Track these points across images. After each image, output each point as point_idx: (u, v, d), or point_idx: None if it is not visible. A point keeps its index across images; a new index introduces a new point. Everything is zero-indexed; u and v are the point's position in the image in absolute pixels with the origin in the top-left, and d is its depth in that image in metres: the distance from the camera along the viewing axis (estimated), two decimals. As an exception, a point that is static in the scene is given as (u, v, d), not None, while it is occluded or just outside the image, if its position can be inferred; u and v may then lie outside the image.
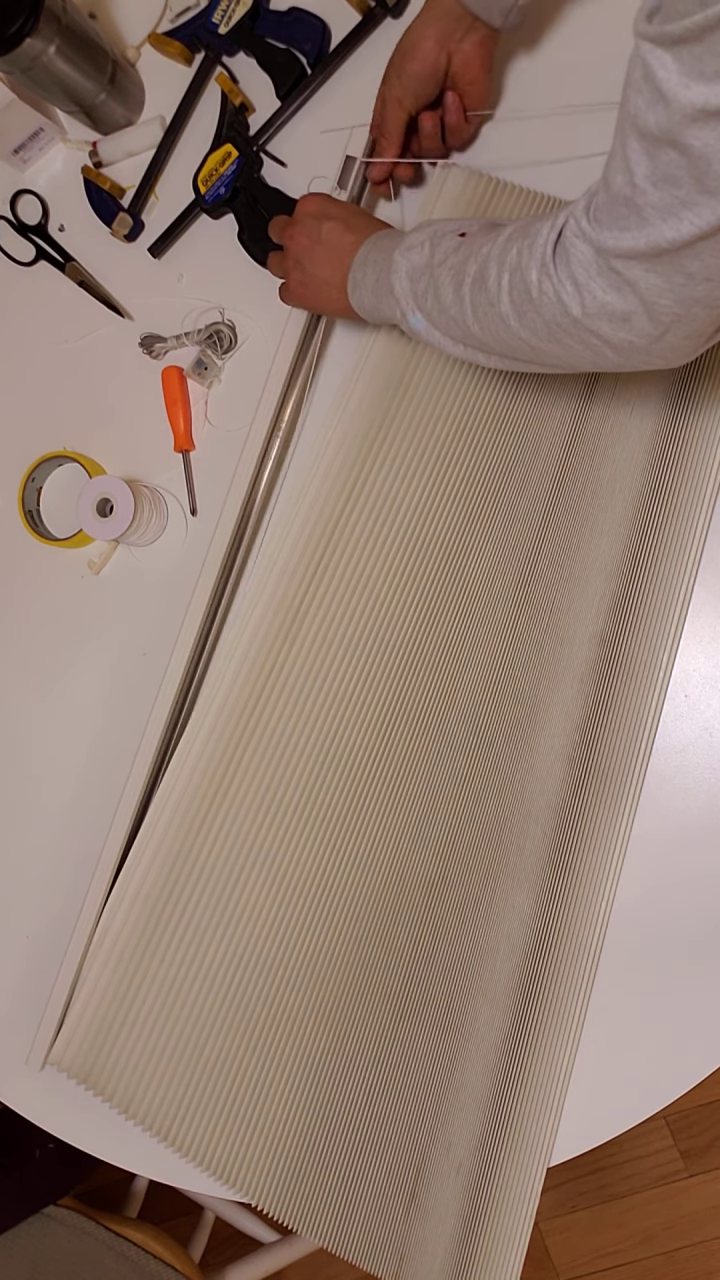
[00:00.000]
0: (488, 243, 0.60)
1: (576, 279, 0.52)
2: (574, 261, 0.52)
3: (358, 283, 0.70)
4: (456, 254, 0.62)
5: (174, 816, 0.77)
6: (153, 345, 0.87)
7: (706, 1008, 0.71)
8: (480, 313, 0.59)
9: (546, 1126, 0.70)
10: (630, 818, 0.72)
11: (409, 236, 0.67)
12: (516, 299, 0.56)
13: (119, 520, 0.81)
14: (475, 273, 0.59)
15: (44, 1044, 0.75)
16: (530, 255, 0.55)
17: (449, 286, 0.61)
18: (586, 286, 0.52)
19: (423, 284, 0.64)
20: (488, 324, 0.60)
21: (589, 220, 0.50)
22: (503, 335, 0.59)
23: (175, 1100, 0.73)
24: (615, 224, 0.48)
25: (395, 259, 0.66)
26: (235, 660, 0.78)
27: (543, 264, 0.54)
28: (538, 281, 0.54)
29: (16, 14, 0.78)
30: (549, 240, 0.53)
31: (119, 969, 0.75)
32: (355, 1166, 0.72)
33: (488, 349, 0.63)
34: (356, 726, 0.76)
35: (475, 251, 0.60)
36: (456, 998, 0.73)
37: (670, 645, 0.74)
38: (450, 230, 0.64)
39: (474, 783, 0.75)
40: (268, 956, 0.75)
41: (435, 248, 0.64)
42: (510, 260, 0.56)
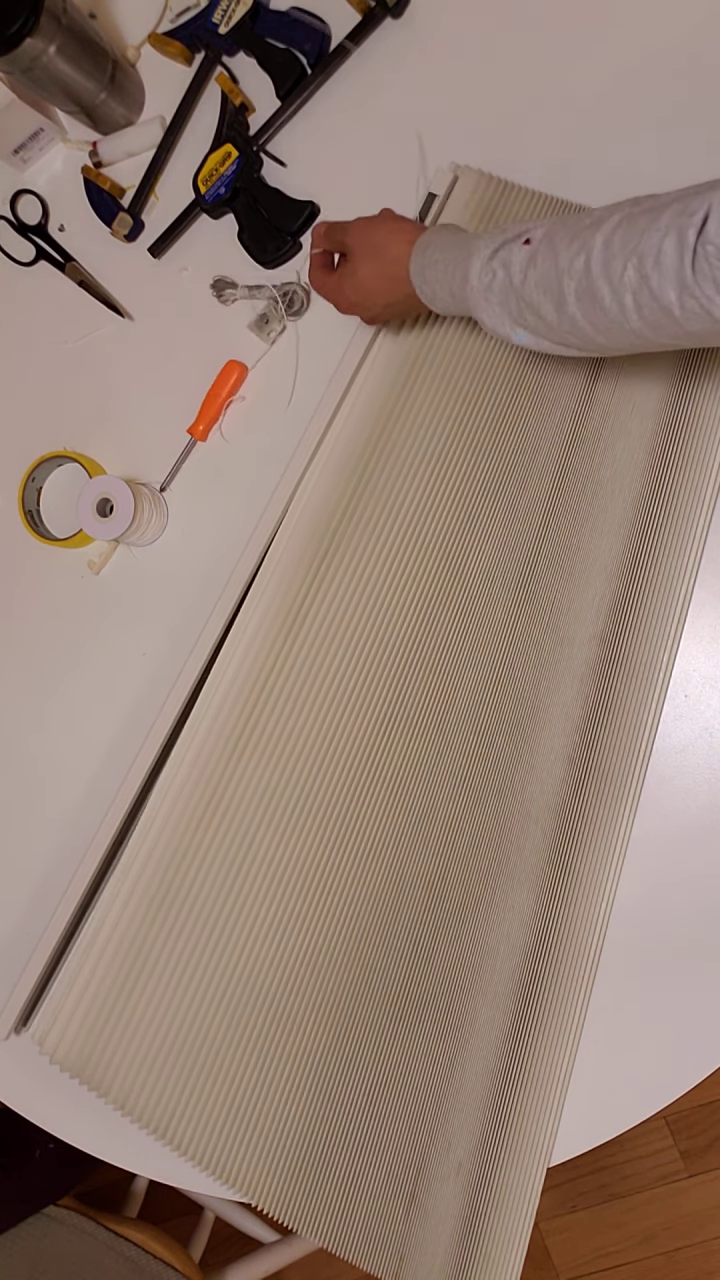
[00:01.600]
0: (570, 252, 0.58)
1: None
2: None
3: (431, 299, 0.70)
4: (535, 268, 0.60)
5: (172, 812, 0.77)
6: (223, 290, 0.87)
7: (706, 1008, 0.71)
8: (604, 327, 0.58)
9: (546, 1126, 0.70)
10: (630, 818, 0.72)
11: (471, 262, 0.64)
12: (650, 317, 0.55)
13: (119, 520, 0.81)
14: (578, 291, 0.58)
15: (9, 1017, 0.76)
16: (662, 276, 0.53)
17: (548, 307, 0.60)
18: None
19: (513, 306, 0.63)
20: (614, 336, 0.59)
21: None
22: (634, 343, 0.59)
23: (174, 1099, 0.73)
24: None
25: (472, 290, 0.64)
26: (235, 658, 0.78)
27: (682, 284, 0.53)
28: (679, 300, 0.53)
29: (16, 14, 0.78)
30: (684, 260, 0.52)
31: (116, 964, 0.75)
32: (355, 1166, 0.72)
33: (613, 352, 0.62)
34: (356, 726, 0.76)
35: (560, 266, 0.59)
36: (456, 997, 0.73)
37: (670, 645, 0.74)
38: (512, 240, 0.63)
39: (474, 783, 0.75)
40: (267, 955, 0.75)
41: (508, 267, 0.62)
42: (629, 281, 0.55)
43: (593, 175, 0.81)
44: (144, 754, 0.78)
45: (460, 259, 0.65)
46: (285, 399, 0.85)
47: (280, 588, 0.79)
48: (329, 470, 0.80)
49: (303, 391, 0.85)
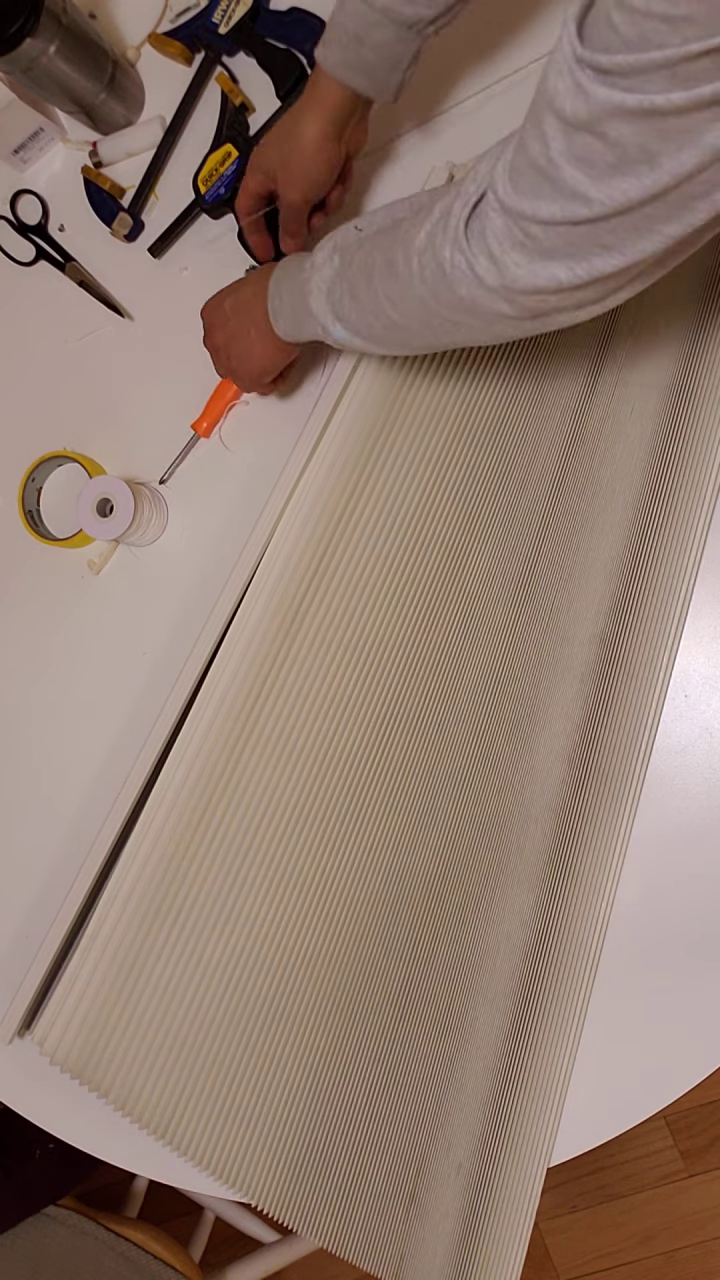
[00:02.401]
0: (389, 232, 0.60)
1: (490, 251, 0.52)
2: (489, 234, 0.51)
3: (277, 312, 0.71)
4: (361, 252, 0.62)
5: (171, 813, 0.77)
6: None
7: (706, 1008, 0.71)
8: (398, 298, 0.59)
9: (546, 1126, 0.70)
10: (630, 818, 0.72)
11: (315, 254, 0.67)
12: (430, 279, 0.56)
13: (119, 520, 0.81)
14: (383, 263, 0.59)
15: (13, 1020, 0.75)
16: (444, 234, 0.54)
17: (362, 285, 0.62)
18: (501, 261, 0.51)
19: (338, 293, 0.64)
20: (407, 308, 0.59)
21: (508, 186, 0.50)
22: (423, 318, 0.59)
23: (174, 1099, 0.73)
24: (531, 191, 0.48)
25: (308, 280, 0.66)
26: (235, 658, 0.78)
27: (455, 241, 0.53)
28: (451, 258, 0.54)
29: (16, 14, 0.78)
30: (461, 217, 0.53)
31: (116, 964, 0.75)
32: (355, 1166, 0.72)
33: (409, 342, 0.63)
34: (356, 726, 0.76)
35: (379, 244, 0.60)
36: (456, 998, 0.73)
37: (670, 645, 0.74)
38: (350, 235, 0.65)
39: (474, 783, 0.75)
40: (267, 955, 0.75)
41: (343, 255, 0.64)
42: (418, 243, 0.56)
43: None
44: (145, 755, 0.78)
45: (303, 259, 0.68)
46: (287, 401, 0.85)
47: (279, 587, 0.79)
48: (328, 470, 0.80)
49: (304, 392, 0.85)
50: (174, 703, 0.79)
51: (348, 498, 0.79)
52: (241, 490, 0.85)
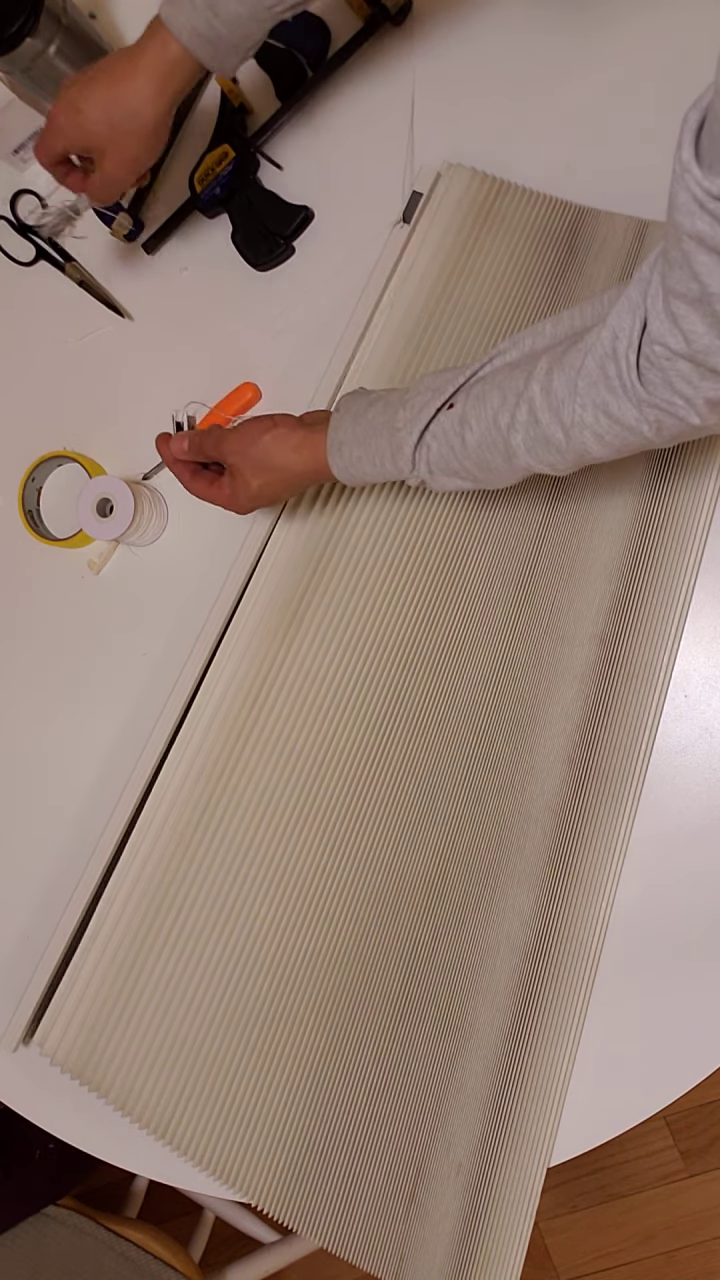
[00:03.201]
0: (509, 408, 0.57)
1: (685, 395, 0.51)
2: (676, 379, 0.50)
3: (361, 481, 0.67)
4: (471, 431, 0.59)
5: (171, 812, 0.77)
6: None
7: (706, 1008, 0.71)
8: (562, 465, 0.58)
9: (546, 1126, 0.70)
10: (630, 818, 0.72)
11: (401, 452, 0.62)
12: (613, 441, 0.55)
13: (119, 520, 0.81)
14: (527, 443, 0.57)
15: (20, 1024, 0.75)
16: (616, 399, 0.53)
17: (497, 461, 0.59)
18: (695, 398, 0.51)
19: (457, 468, 0.62)
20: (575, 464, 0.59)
21: (676, 333, 0.49)
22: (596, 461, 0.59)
23: (174, 1099, 0.73)
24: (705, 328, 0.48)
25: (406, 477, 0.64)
26: (235, 658, 0.78)
27: (638, 401, 0.52)
28: (642, 416, 0.53)
29: (16, 14, 0.78)
30: (629, 379, 0.51)
31: (115, 964, 0.75)
32: (355, 1166, 0.72)
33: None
34: (356, 726, 0.76)
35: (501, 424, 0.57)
36: (456, 997, 0.73)
37: (670, 645, 0.74)
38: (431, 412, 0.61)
39: (474, 783, 0.75)
40: (267, 955, 0.75)
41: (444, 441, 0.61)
42: (581, 418, 0.54)
43: (593, 178, 0.81)
44: (146, 756, 0.78)
45: (385, 451, 0.63)
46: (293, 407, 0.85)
47: (279, 587, 0.79)
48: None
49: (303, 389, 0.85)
50: (174, 703, 0.79)
51: (347, 497, 0.79)
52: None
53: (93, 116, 0.69)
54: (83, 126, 0.69)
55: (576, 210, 0.81)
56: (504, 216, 0.81)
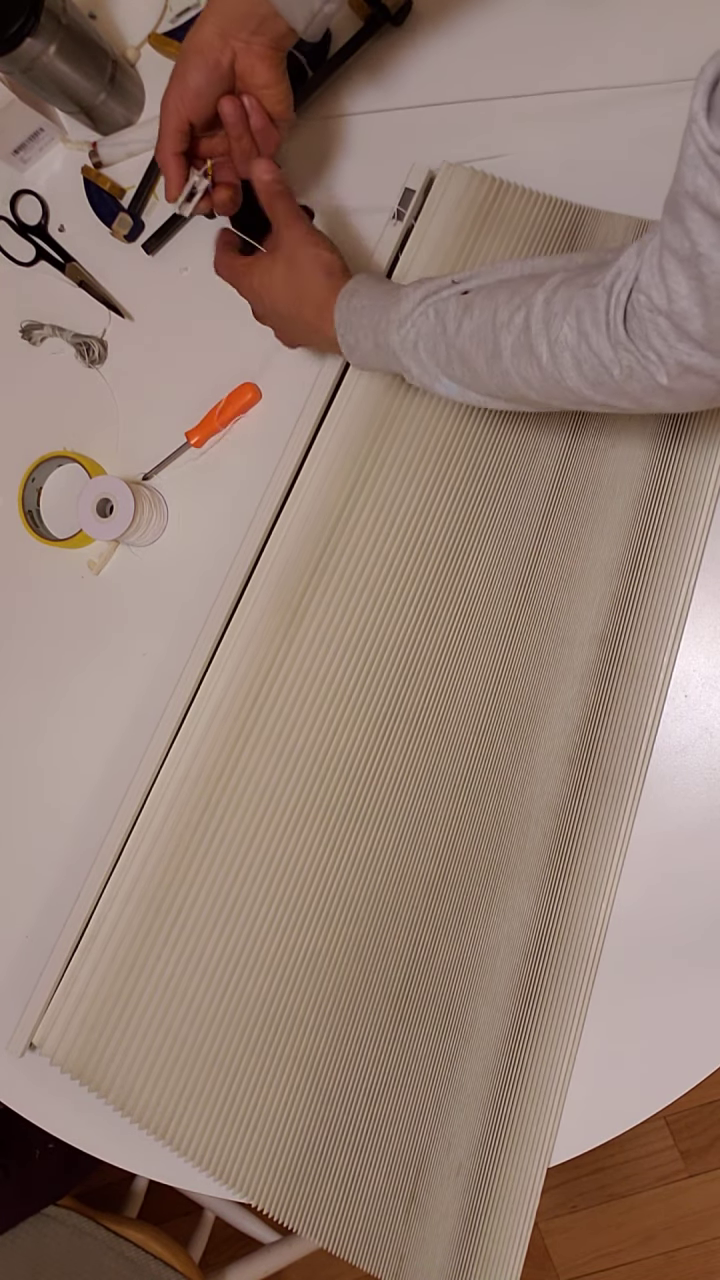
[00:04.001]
0: (510, 307, 0.57)
1: (659, 351, 0.51)
2: (653, 333, 0.50)
3: (352, 348, 0.68)
4: (470, 318, 0.59)
5: (170, 812, 0.77)
6: (31, 332, 0.90)
7: (706, 1008, 0.71)
8: (538, 383, 0.58)
9: (546, 1127, 0.70)
10: (630, 818, 0.72)
11: (401, 301, 0.63)
12: (589, 373, 0.55)
13: (119, 520, 0.81)
14: (514, 346, 0.57)
15: (26, 1029, 0.75)
16: (600, 333, 0.52)
17: (480, 358, 0.59)
18: (669, 354, 0.50)
19: (442, 354, 0.61)
20: (550, 391, 0.58)
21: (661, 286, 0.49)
22: (569, 399, 0.58)
23: (174, 1099, 0.73)
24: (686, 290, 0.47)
25: (391, 329, 0.64)
26: (235, 658, 0.78)
27: (617, 341, 0.52)
28: (616, 358, 0.52)
29: (16, 14, 0.78)
30: (616, 319, 0.51)
31: (115, 964, 0.75)
32: (355, 1166, 0.72)
33: (545, 408, 0.62)
34: (356, 726, 0.76)
35: (499, 320, 0.58)
36: (456, 998, 0.73)
37: (671, 645, 0.74)
38: (446, 289, 0.62)
39: (474, 783, 0.75)
40: (267, 955, 0.75)
41: (441, 315, 0.61)
42: (564, 337, 0.54)
43: (595, 179, 0.81)
44: (148, 758, 0.78)
45: (388, 304, 0.64)
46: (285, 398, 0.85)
47: (278, 586, 0.79)
48: (326, 468, 0.80)
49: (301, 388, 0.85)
50: (175, 704, 0.79)
51: (346, 497, 0.79)
52: (241, 489, 0.84)
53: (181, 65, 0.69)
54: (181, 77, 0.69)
55: (577, 210, 0.81)
56: (503, 216, 0.81)
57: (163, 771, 0.78)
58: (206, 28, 0.67)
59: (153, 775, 0.78)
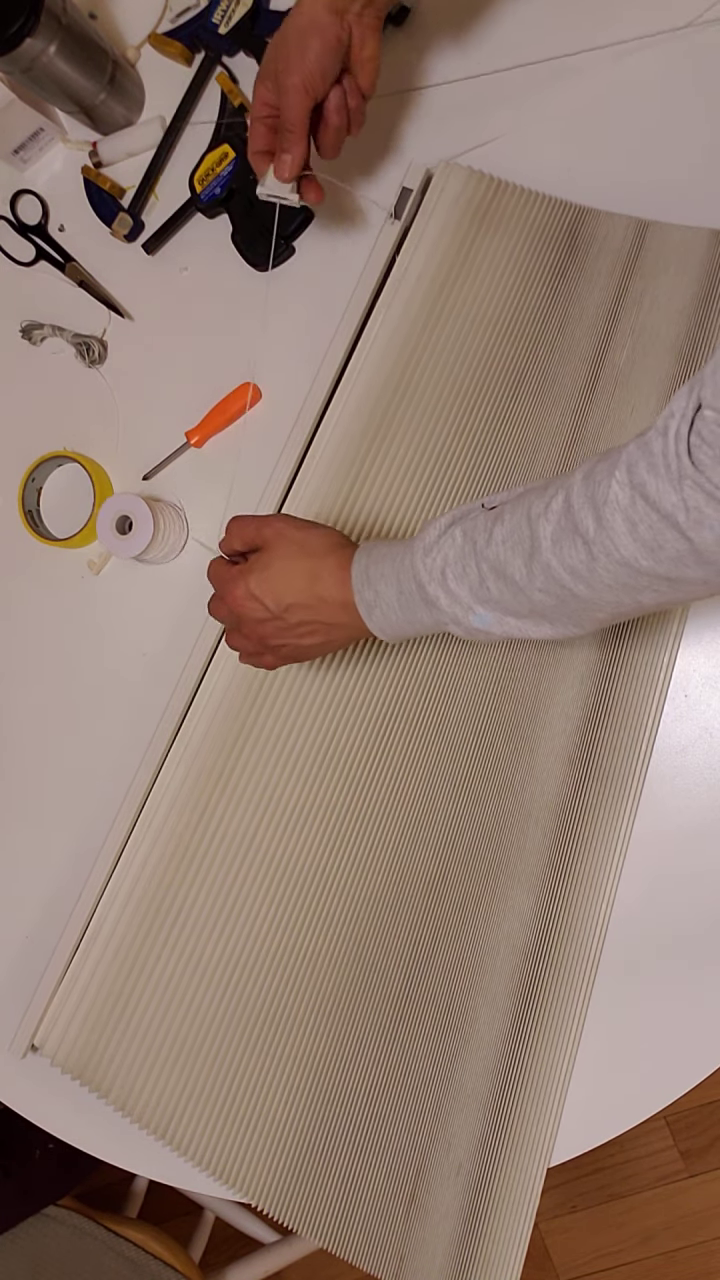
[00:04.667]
0: (545, 498, 0.52)
1: None
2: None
3: (372, 605, 0.60)
4: (501, 524, 0.54)
5: (171, 813, 0.77)
6: (31, 332, 0.90)
7: (707, 1007, 0.71)
8: (584, 569, 0.51)
9: (546, 1127, 0.70)
10: (631, 818, 0.72)
11: (424, 534, 0.58)
12: (646, 534, 0.47)
13: (138, 538, 0.81)
14: (554, 534, 0.51)
15: (28, 1031, 0.75)
16: (655, 476, 0.46)
17: (516, 562, 0.53)
18: None
19: (474, 575, 0.55)
20: (599, 575, 0.51)
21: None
22: (622, 580, 0.50)
23: (174, 1099, 0.73)
24: None
25: (418, 563, 0.57)
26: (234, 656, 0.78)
27: (680, 476, 0.46)
28: (681, 500, 0.46)
29: (16, 14, 0.78)
30: (676, 449, 0.46)
31: (115, 964, 0.75)
32: (355, 1167, 0.72)
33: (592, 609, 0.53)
34: (357, 725, 0.76)
35: (533, 513, 0.52)
36: (456, 998, 0.73)
37: (671, 645, 0.74)
38: (471, 511, 0.57)
39: (474, 783, 0.75)
40: (267, 955, 0.75)
41: (469, 533, 0.55)
42: (614, 497, 0.48)
43: (594, 182, 0.81)
44: (149, 758, 0.78)
45: (411, 542, 0.59)
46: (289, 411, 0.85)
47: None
48: (326, 468, 0.80)
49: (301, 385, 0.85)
50: (175, 703, 0.79)
51: (343, 502, 0.79)
52: (240, 489, 0.84)
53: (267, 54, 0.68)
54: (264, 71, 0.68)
55: (576, 210, 0.81)
56: (502, 216, 0.81)
57: (163, 771, 0.78)
58: (317, 6, 0.65)
59: (153, 775, 0.78)
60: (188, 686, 0.79)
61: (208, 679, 0.78)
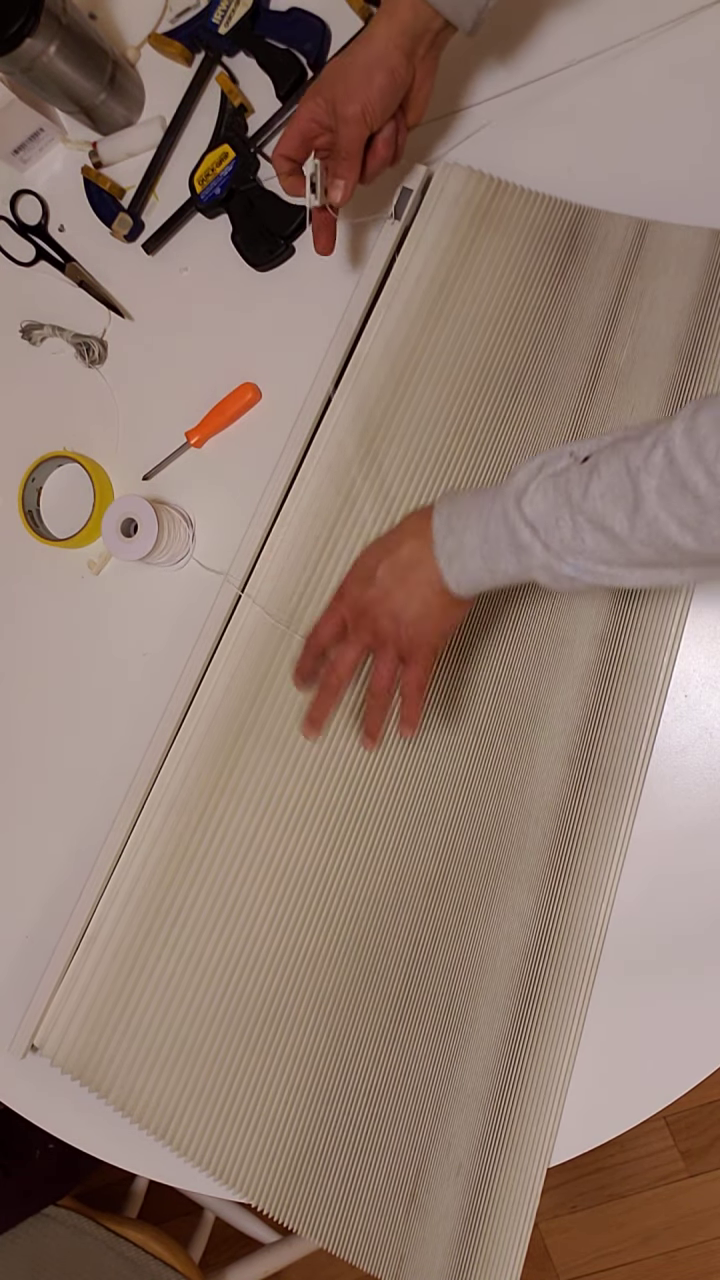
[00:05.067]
0: (643, 451, 0.51)
1: None
2: None
3: (453, 555, 0.60)
4: (598, 478, 0.53)
5: (170, 812, 0.77)
6: (31, 332, 0.90)
7: (707, 1007, 0.71)
8: (694, 520, 0.50)
9: (547, 1127, 0.70)
10: (631, 819, 0.72)
11: (514, 480, 0.57)
12: None
13: (143, 541, 0.81)
14: (660, 488, 0.51)
15: (28, 1031, 0.75)
16: None
17: (618, 517, 0.53)
18: None
19: (568, 529, 0.55)
20: (709, 532, 0.50)
21: None
22: None
23: (173, 1098, 0.73)
24: None
25: (510, 512, 0.57)
26: (235, 656, 0.78)
27: None
28: None
29: (16, 14, 0.78)
30: None
31: (115, 964, 0.75)
32: (355, 1167, 0.72)
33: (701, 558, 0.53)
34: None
35: (633, 466, 0.52)
36: (456, 998, 0.73)
37: (671, 645, 0.74)
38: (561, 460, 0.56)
39: (474, 783, 0.75)
40: (267, 955, 0.75)
41: (562, 488, 0.55)
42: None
43: (594, 181, 0.81)
44: (149, 758, 0.78)
45: (494, 491, 0.58)
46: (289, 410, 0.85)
47: (277, 586, 0.79)
48: (326, 468, 0.80)
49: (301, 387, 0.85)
50: (175, 703, 0.79)
51: (342, 502, 0.79)
52: (241, 488, 0.85)
53: (327, 76, 0.69)
54: (317, 90, 0.69)
55: (576, 210, 0.81)
56: (502, 216, 0.81)
57: (163, 771, 0.78)
58: (389, 46, 0.67)
59: (153, 775, 0.78)
60: (188, 686, 0.79)
61: (208, 679, 0.78)
